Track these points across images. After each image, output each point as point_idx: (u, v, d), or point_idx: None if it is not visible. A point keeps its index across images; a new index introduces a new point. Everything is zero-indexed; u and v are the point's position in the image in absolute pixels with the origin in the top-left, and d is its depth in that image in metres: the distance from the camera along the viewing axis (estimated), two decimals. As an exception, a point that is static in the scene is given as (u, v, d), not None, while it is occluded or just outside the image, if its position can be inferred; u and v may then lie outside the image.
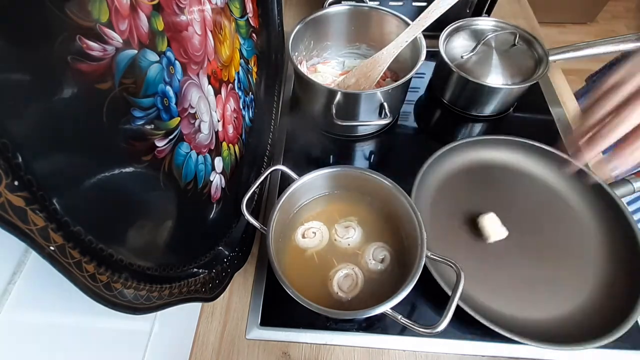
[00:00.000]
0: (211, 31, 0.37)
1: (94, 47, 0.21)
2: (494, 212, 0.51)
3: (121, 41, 0.23)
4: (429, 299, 0.48)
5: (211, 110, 0.39)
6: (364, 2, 0.66)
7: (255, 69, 0.54)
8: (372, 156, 0.65)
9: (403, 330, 0.46)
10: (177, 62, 0.30)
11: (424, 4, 0.72)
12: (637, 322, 0.44)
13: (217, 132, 0.40)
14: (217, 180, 0.41)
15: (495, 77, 0.61)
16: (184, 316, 0.45)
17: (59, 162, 0.20)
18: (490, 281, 0.48)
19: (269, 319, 0.48)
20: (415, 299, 0.48)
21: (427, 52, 0.56)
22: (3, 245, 0.21)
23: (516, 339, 0.40)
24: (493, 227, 0.49)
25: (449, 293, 0.40)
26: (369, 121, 0.58)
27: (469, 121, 0.67)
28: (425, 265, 0.39)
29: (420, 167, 0.53)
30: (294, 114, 0.68)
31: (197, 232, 0.39)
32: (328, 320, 0.47)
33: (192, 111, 0.34)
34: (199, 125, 0.36)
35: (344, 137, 0.65)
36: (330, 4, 0.64)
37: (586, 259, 0.49)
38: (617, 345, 0.41)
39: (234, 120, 0.46)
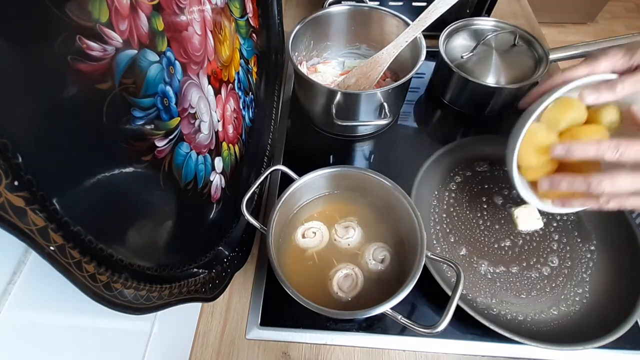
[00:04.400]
0: (211, 31, 0.37)
1: (94, 47, 0.21)
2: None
3: (121, 41, 0.23)
4: (429, 299, 0.48)
5: (211, 110, 0.39)
6: (364, 2, 0.66)
7: (255, 69, 0.54)
8: (372, 156, 0.65)
9: (403, 330, 0.46)
10: (177, 62, 0.30)
11: (424, 4, 0.72)
12: (637, 322, 0.44)
13: (217, 132, 0.40)
14: (217, 180, 0.41)
15: (495, 77, 0.61)
16: (184, 316, 0.45)
17: (59, 162, 0.20)
18: (490, 281, 0.48)
19: (269, 319, 0.48)
20: (415, 299, 0.48)
21: (427, 52, 0.56)
22: (3, 245, 0.21)
23: (516, 339, 0.40)
24: (529, 217, 0.51)
25: (449, 293, 0.41)
26: (369, 121, 0.58)
27: (469, 121, 0.67)
28: (425, 265, 0.39)
29: (420, 167, 0.53)
30: (294, 114, 0.68)
31: (197, 232, 0.39)
32: (328, 320, 0.47)
33: (192, 111, 0.34)
34: (199, 125, 0.36)
35: (344, 137, 0.65)
36: (330, 4, 0.64)
37: (586, 259, 0.49)
38: (617, 345, 0.41)
39: (234, 120, 0.46)
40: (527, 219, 0.51)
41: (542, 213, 0.52)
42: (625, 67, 0.36)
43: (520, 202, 0.54)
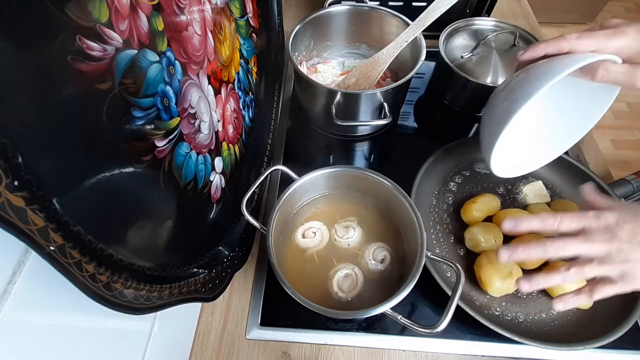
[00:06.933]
0: (211, 31, 0.37)
1: (94, 47, 0.21)
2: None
3: (121, 41, 0.23)
4: (429, 299, 0.48)
5: (211, 110, 0.39)
6: (364, 2, 0.66)
7: (255, 69, 0.54)
8: (372, 156, 0.65)
9: (403, 330, 0.46)
10: (177, 62, 0.30)
11: (424, 4, 0.72)
12: (637, 322, 0.44)
13: (217, 132, 0.40)
14: (217, 180, 0.41)
15: (495, 77, 0.61)
16: (184, 316, 0.45)
17: (59, 162, 0.20)
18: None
19: (269, 319, 0.48)
20: (415, 299, 0.48)
21: (427, 52, 0.56)
22: (3, 245, 0.21)
23: (516, 339, 0.40)
24: (537, 192, 0.54)
25: (449, 293, 0.41)
26: (369, 121, 0.58)
27: (469, 121, 0.67)
28: (425, 265, 0.39)
29: (420, 167, 0.53)
30: (294, 114, 0.68)
31: (197, 232, 0.39)
32: (328, 320, 0.47)
33: (192, 111, 0.34)
34: (199, 125, 0.36)
35: (344, 137, 0.65)
36: (330, 4, 0.64)
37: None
38: (617, 345, 0.41)
39: (234, 120, 0.46)
40: (536, 194, 0.54)
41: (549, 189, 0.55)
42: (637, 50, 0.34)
43: (520, 200, 0.54)
